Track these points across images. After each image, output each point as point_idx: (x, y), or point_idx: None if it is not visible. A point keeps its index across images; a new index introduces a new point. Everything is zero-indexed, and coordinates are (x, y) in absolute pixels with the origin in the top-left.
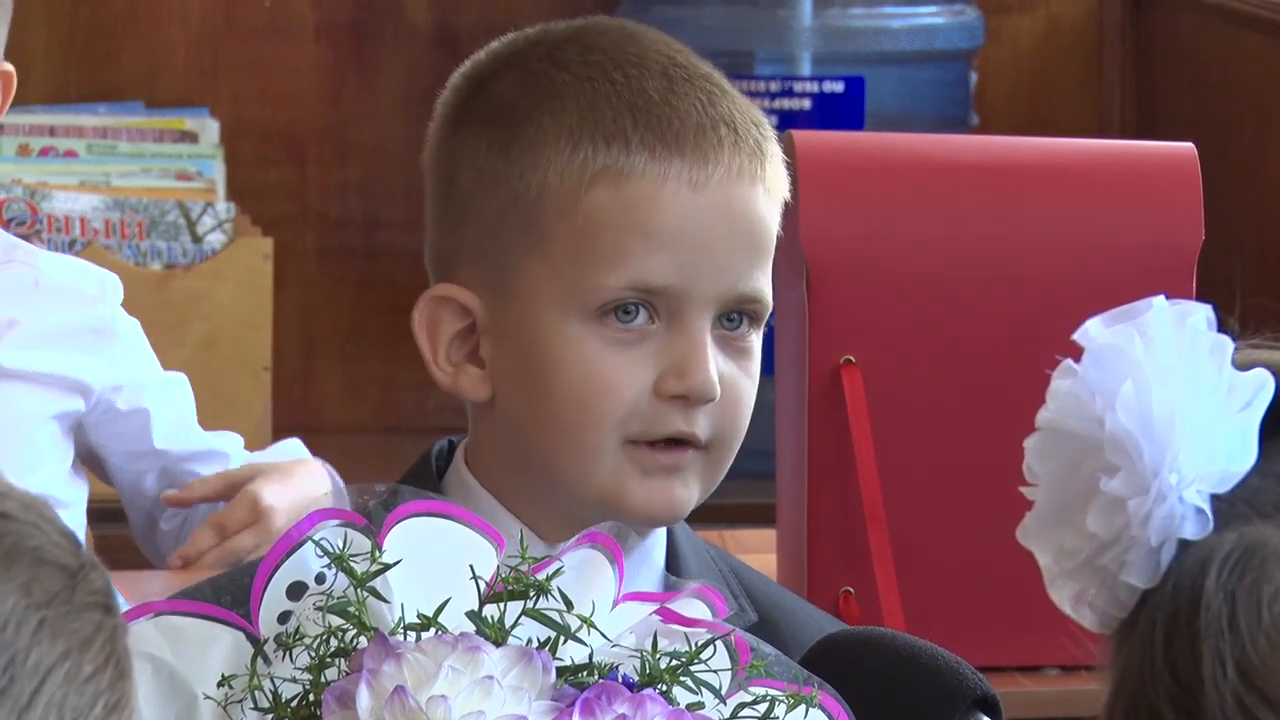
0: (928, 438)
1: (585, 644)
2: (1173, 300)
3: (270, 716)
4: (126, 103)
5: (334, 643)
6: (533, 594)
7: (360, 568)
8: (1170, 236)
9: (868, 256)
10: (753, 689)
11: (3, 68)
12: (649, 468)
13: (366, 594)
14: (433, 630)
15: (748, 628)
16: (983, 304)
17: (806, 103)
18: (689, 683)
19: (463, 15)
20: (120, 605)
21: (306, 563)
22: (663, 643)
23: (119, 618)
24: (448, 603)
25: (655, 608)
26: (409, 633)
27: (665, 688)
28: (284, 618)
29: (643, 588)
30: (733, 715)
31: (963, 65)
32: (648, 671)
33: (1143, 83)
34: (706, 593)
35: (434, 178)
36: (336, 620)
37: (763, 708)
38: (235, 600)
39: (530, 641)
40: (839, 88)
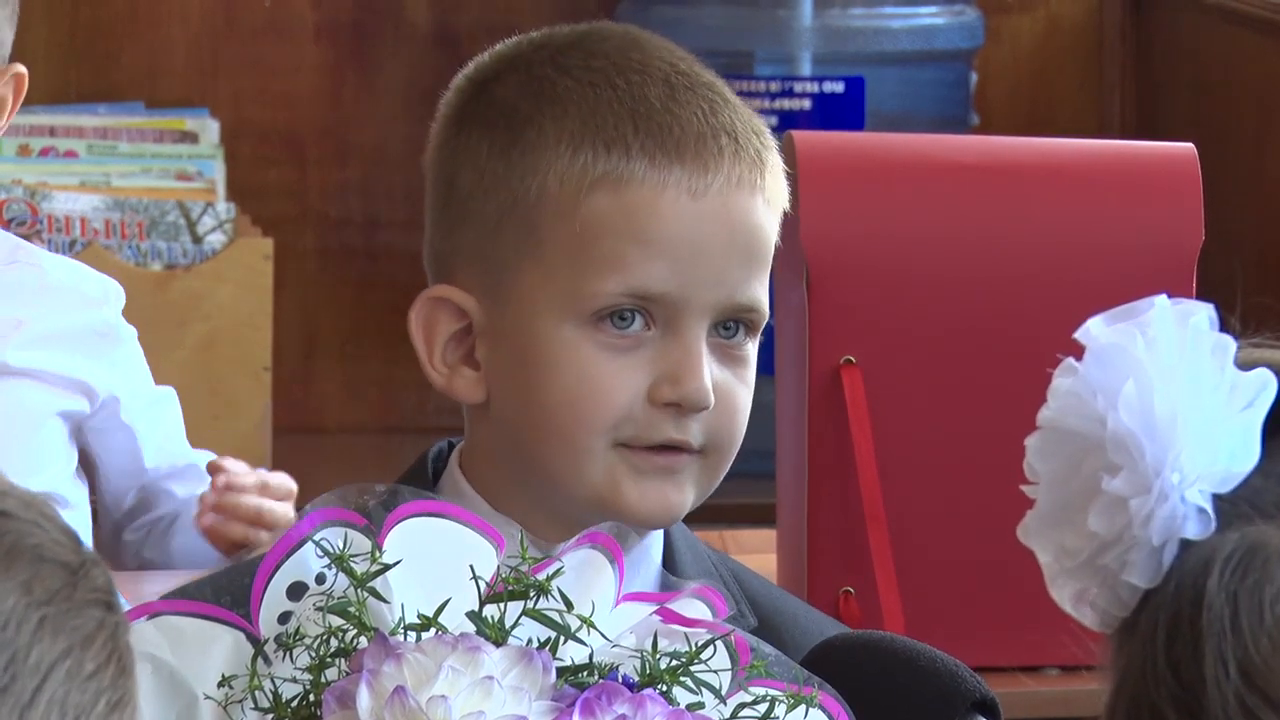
0: (928, 438)
1: (585, 644)
2: (1175, 300)
3: (270, 717)
4: (127, 103)
5: (334, 643)
6: (533, 594)
7: (360, 568)
8: (1170, 236)
9: (868, 257)
10: (753, 689)
11: (14, 70)
12: (643, 469)
13: (367, 594)
14: (433, 630)
15: (748, 632)
16: (983, 304)
17: (806, 103)
18: (689, 683)
19: (463, 15)
20: (121, 603)
21: (307, 563)
22: (663, 643)
23: (120, 615)
24: (448, 603)
25: (655, 608)
26: (409, 633)
27: (665, 688)
28: (284, 618)
29: (640, 585)
30: (733, 715)
31: (963, 65)
32: (648, 672)
33: (1143, 83)
34: (706, 593)
35: (434, 179)
36: (337, 620)
37: (763, 708)
38: (235, 600)
39: (530, 642)
40: (839, 88)
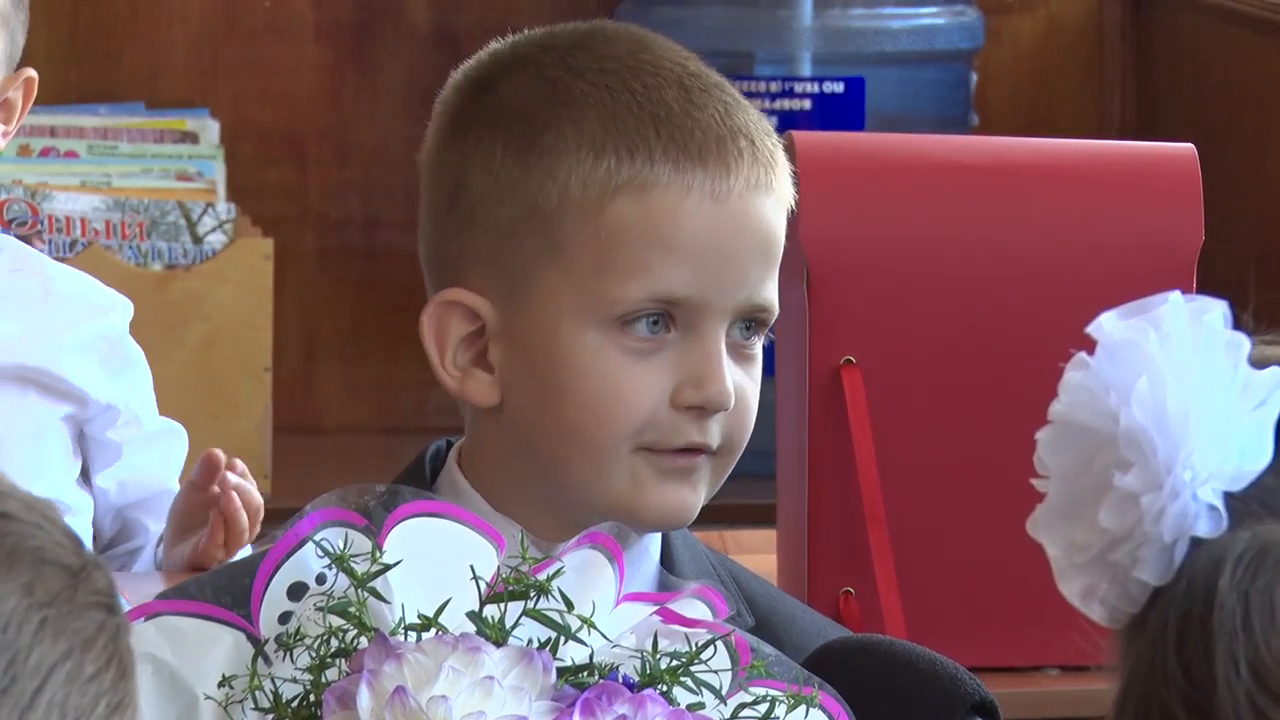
0: (928, 438)
1: (586, 644)
2: (1188, 296)
3: (271, 717)
4: (127, 103)
5: (334, 643)
6: (533, 594)
7: (361, 568)
8: (1170, 236)
9: (868, 257)
10: (753, 689)
11: (25, 74)
12: (666, 469)
13: (367, 594)
14: (433, 631)
15: (745, 631)
16: (983, 304)
17: (807, 103)
18: (689, 683)
19: (463, 15)
20: (122, 605)
21: (307, 563)
22: (663, 643)
23: (121, 617)
24: (448, 603)
25: (655, 608)
26: (409, 633)
27: (665, 688)
28: (284, 618)
29: (639, 584)
30: (733, 715)
31: (963, 66)
32: (648, 672)
33: (1143, 83)
34: (706, 593)
35: (438, 180)
36: (337, 621)
37: (763, 708)
38: (236, 601)
39: (531, 642)
40: (839, 88)
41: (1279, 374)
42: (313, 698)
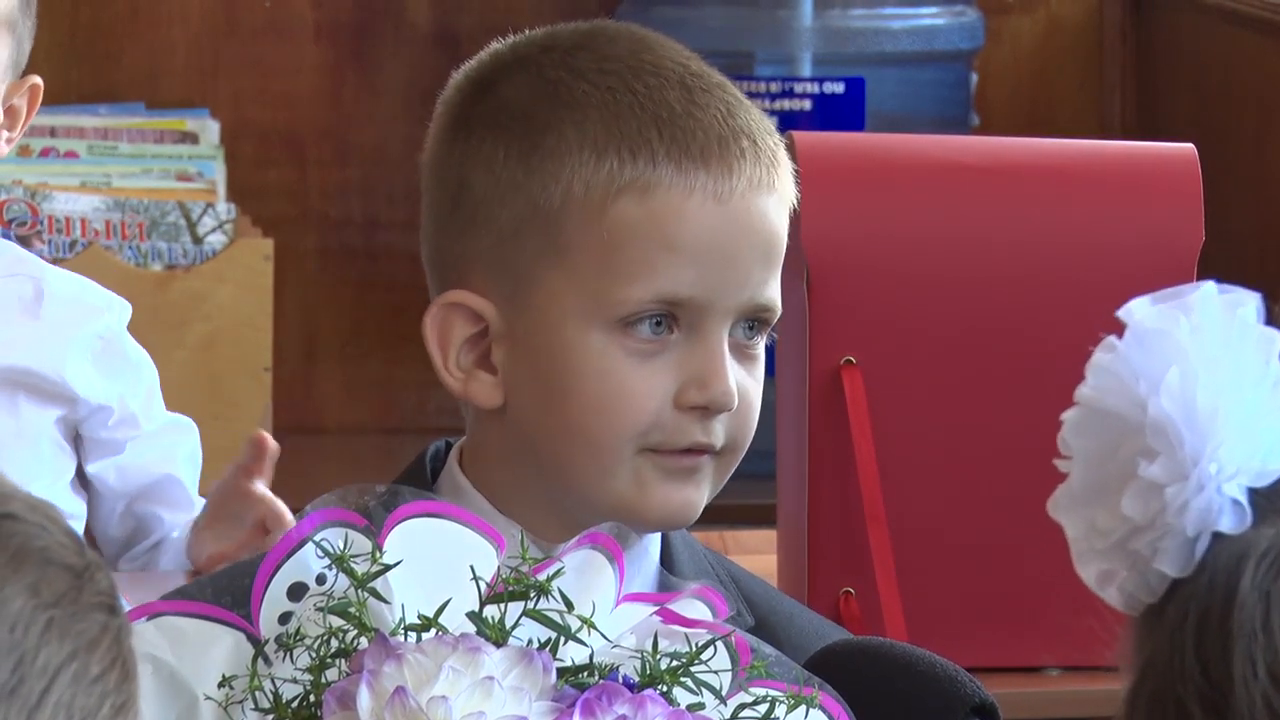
0: (928, 438)
1: (586, 645)
2: (1223, 287)
3: (271, 717)
4: (127, 104)
5: (335, 643)
6: (533, 595)
7: (361, 568)
8: (1170, 237)
9: (868, 257)
10: (753, 689)
11: (31, 81)
12: (670, 470)
13: (367, 595)
14: (433, 631)
15: (744, 631)
16: (983, 304)
17: (807, 103)
18: (689, 683)
19: (463, 15)
20: (124, 606)
21: (307, 563)
22: (663, 643)
23: (124, 618)
24: (448, 603)
25: (655, 608)
26: (409, 633)
27: (666, 688)
28: (285, 618)
29: (639, 583)
30: (733, 716)
31: (963, 66)
32: (648, 672)
33: (1143, 83)
34: (707, 593)
35: (439, 182)
36: (337, 621)
37: (763, 708)
38: (236, 601)
39: (531, 642)
40: (839, 89)
41: None
42: (313, 698)
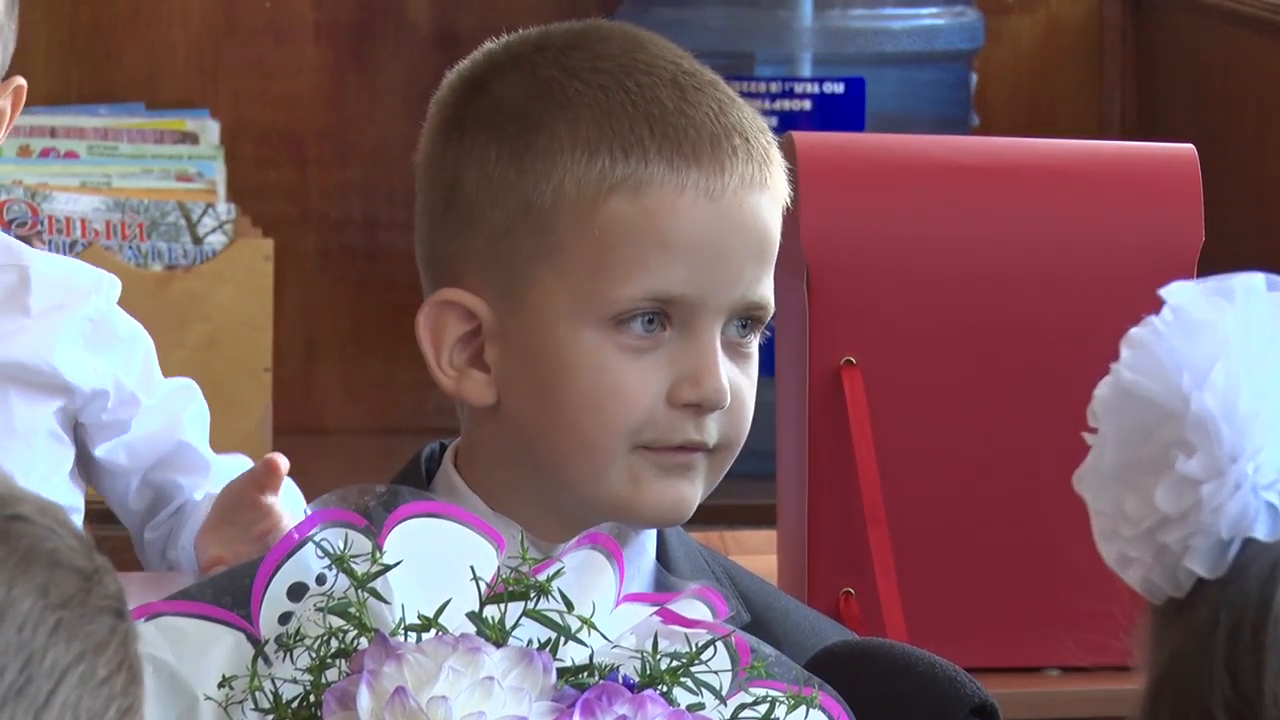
0: (928, 438)
1: (586, 645)
2: (1272, 282)
3: (271, 717)
4: (127, 104)
5: (335, 644)
6: (533, 595)
7: (361, 569)
8: (1170, 237)
9: (868, 257)
10: (753, 690)
11: (15, 82)
12: (664, 466)
13: (367, 595)
14: (433, 631)
15: (740, 628)
16: (983, 305)
17: (807, 104)
18: (689, 683)
19: (463, 16)
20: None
21: (307, 564)
22: (663, 644)
23: (130, 622)
24: (448, 603)
25: (656, 609)
26: (409, 633)
27: (666, 688)
28: (285, 618)
29: (636, 579)
30: (733, 716)
31: (963, 66)
32: (648, 672)
33: (1143, 83)
34: (707, 594)
35: (433, 181)
36: (337, 621)
37: (763, 708)
38: (236, 601)
39: (531, 642)
40: (839, 89)
41: None
42: (313, 698)
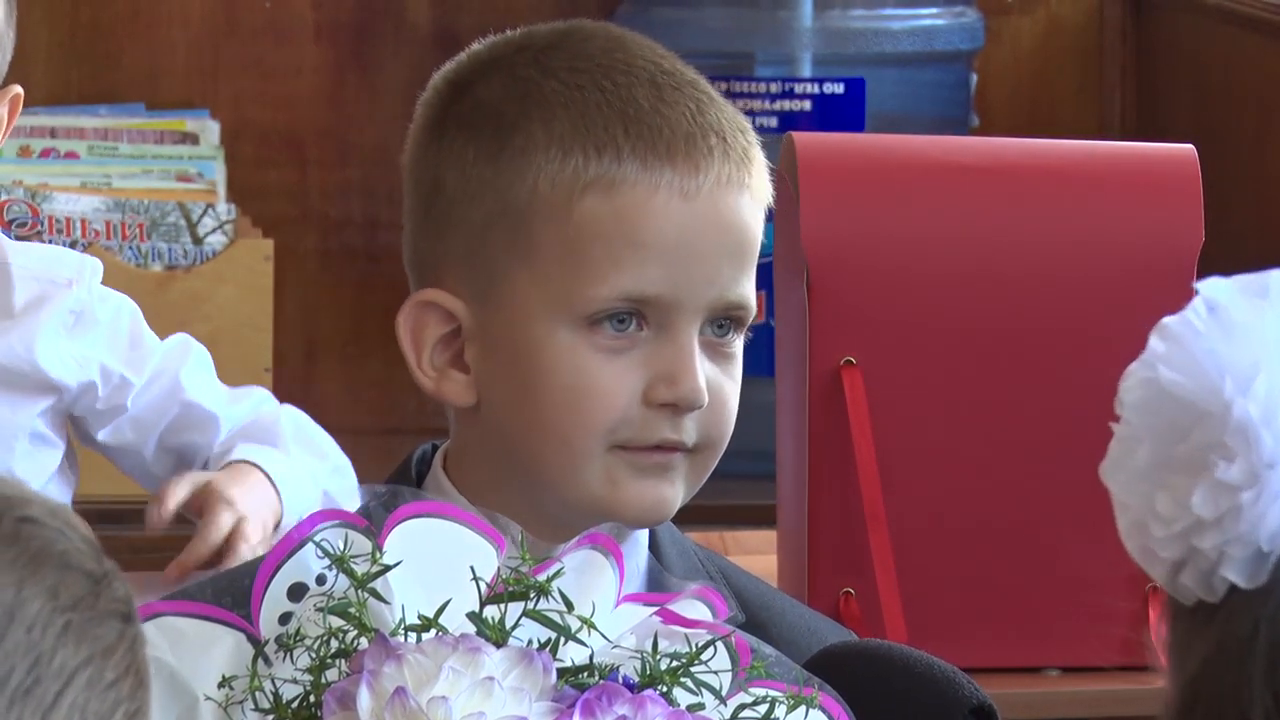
0: (928, 439)
1: (586, 645)
2: None
3: (271, 717)
4: (127, 104)
5: (335, 644)
6: (533, 595)
7: (361, 569)
8: (1170, 237)
9: (868, 258)
10: (753, 690)
11: (13, 91)
12: (642, 466)
13: (367, 595)
14: (433, 631)
15: (735, 627)
16: (983, 305)
17: (807, 104)
18: (689, 684)
19: (463, 16)
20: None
21: (307, 564)
22: (663, 644)
23: (138, 627)
24: (448, 604)
25: (656, 609)
26: (409, 634)
27: (666, 689)
28: (285, 619)
29: (632, 576)
30: (733, 716)
31: (963, 66)
32: (648, 672)
33: (1143, 84)
34: (706, 594)
35: (416, 182)
36: (337, 621)
37: (763, 708)
38: (236, 601)
39: (531, 642)
40: (839, 89)
41: None
42: (313, 698)
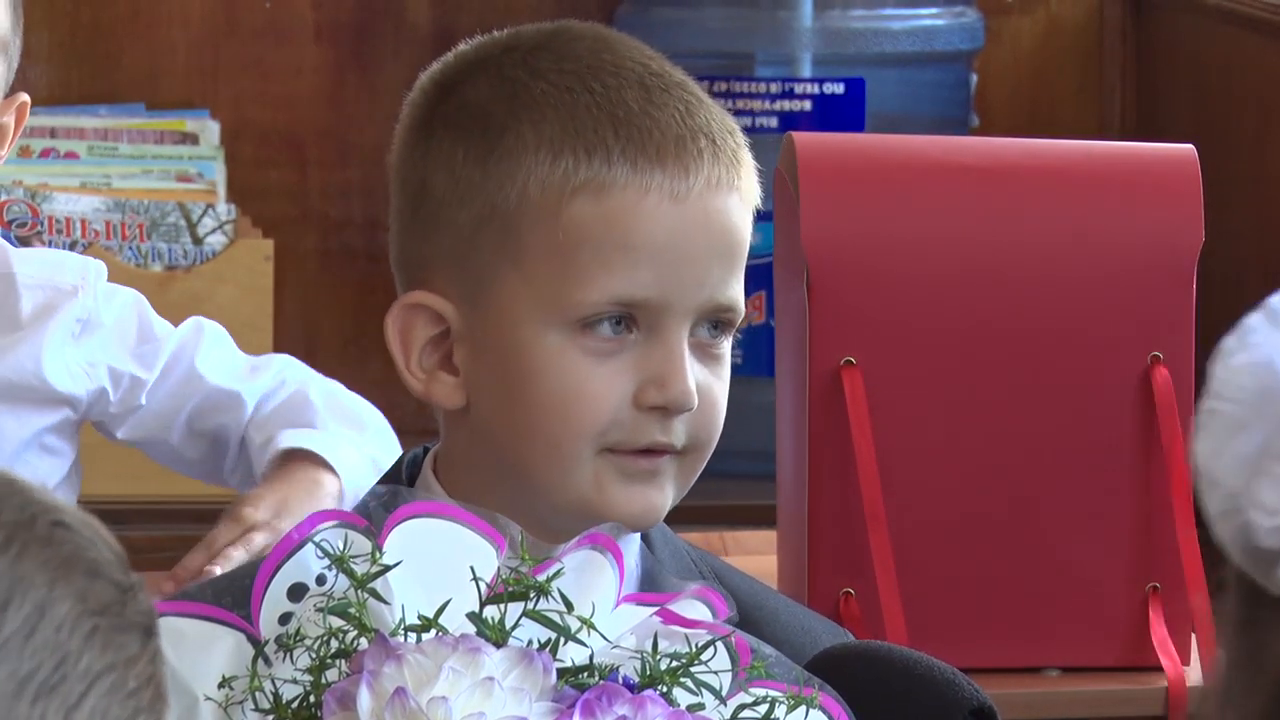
0: (928, 439)
1: (586, 645)
2: None
3: (271, 718)
4: (127, 104)
5: (334, 644)
6: (533, 595)
7: (361, 569)
8: (1170, 238)
9: (868, 258)
10: (753, 690)
11: (20, 99)
12: (630, 472)
13: (367, 595)
14: (433, 631)
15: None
16: (983, 305)
17: (807, 104)
18: (689, 684)
19: (463, 16)
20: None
21: (307, 564)
22: (663, 644)
23: (159, 642)
24: (448, 604)
25: (656, 609)
26: (409, 634)
27: (666, 689)
28: (285, 619)
29: (628, 576)
30: (733, 716)
31: (963, 67)
32: (648, 673)
33: (1143, 83)
34: (707, 594)
35: (403, 182)
36: (337, 621)
37: (763, 709)
38: (236, 601)
39: (531, 643)
40: (839, 89)
41: None
42: (313, 699)
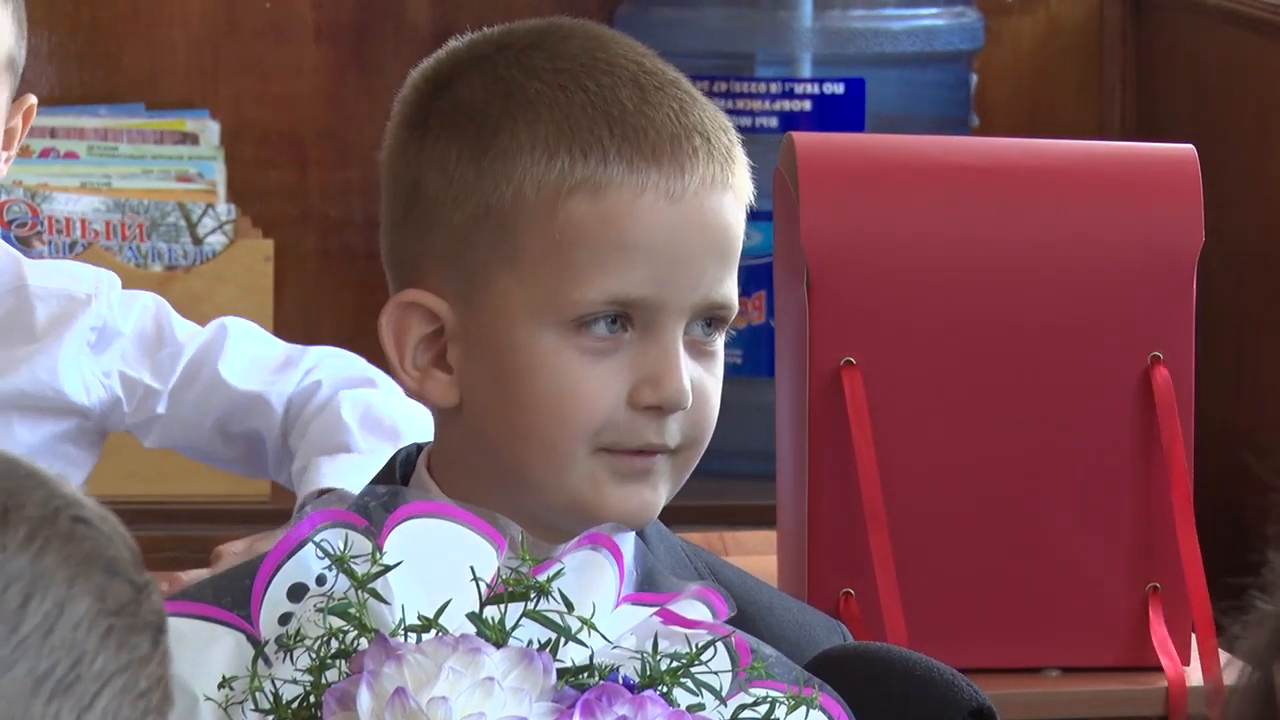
0: (928, 439)
1: (586, 645)
2: None
3: (271, 718)
4: (127, 104)
5: (335, 644)
6: (533, 595)
7: (361, 569)
8: (1170, 238)
9: (868, 258)
10: (753, 690)
11: (28, 101)
12: (624, 472)
13: (367, 595)
14: (433, 632)
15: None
16: (983, 305)
17: (807, 104)
18: (689, 684)
19: (463, 15)
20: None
21: (307, 564)
22: (663, 644)
23: (168, 640)
24: (448, 604)
25: (656, 609)
26: (410, 634)
27: (666, 689)
28: (285, 619)
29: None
30: (733, 716)
31: (963, 67)
32: (648, 673)
33: (1143, 84)
34: (707, 594)
35: (395, 180)
36: (337, 622)
37: (763, 709)
38: (236, 602)
39: (531, 643)
40: (839, 89)
41: None
42: (313, 699)
